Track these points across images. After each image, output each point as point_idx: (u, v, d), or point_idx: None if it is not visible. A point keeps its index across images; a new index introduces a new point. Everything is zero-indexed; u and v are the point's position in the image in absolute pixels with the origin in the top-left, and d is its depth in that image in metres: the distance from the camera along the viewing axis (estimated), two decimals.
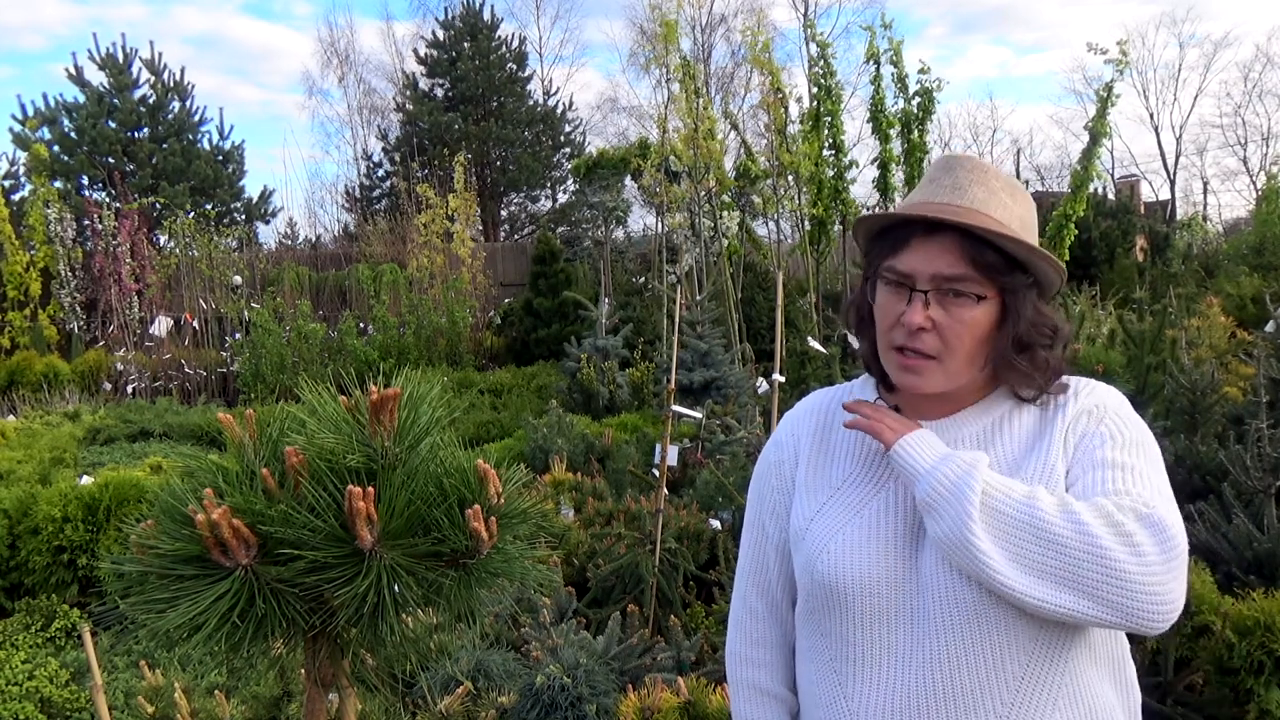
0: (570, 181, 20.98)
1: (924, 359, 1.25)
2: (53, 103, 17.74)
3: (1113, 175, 27.20)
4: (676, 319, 4.73)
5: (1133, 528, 1.13)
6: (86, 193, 17.19)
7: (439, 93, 23.73)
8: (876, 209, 11.56)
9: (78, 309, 13.71)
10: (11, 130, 18.03)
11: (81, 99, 18.03)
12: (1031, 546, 1.13)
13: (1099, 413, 1.28)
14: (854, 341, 1.48)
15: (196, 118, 19.42)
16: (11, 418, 9.39)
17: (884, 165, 11.38)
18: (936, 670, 1.21)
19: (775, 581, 1.44)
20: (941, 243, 1.24)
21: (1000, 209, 1.26)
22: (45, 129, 17.09)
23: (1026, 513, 1.15)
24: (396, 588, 1.26)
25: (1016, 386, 1.31)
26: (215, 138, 19.79)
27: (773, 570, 1.44)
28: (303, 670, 1.42)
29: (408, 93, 24.13)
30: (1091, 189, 13.92)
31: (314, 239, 24.42)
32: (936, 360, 1.25)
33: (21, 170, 16.03)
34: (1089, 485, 1.22)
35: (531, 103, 24.49)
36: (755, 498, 1.49)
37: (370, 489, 1.23)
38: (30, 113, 16.77)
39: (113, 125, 18.21)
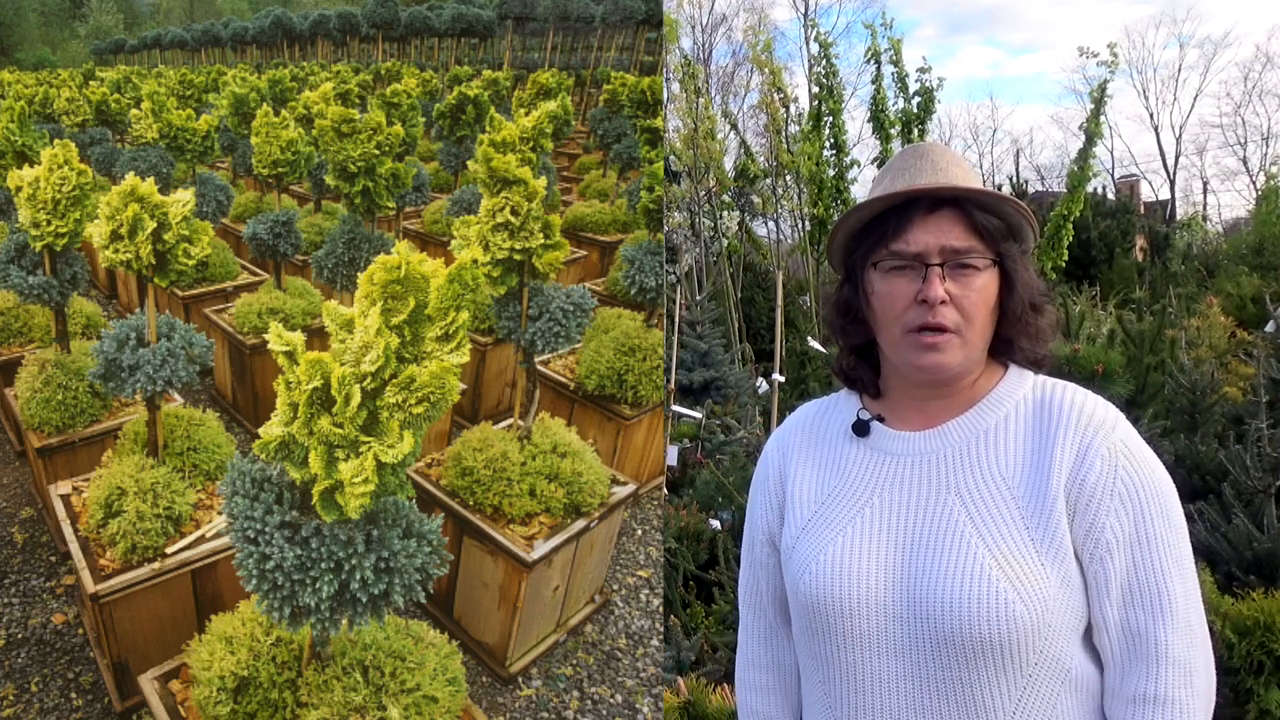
0: None
1: (944, 334, 1.24)
2: None
3: (1113, 175, 27.26)
4: (676, 319, 4.73)
5: None
6: None
7: None
8: None
9: None
10: None
11: None
12: None
13: (1110, 457, 1.20)
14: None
15: None
16: None
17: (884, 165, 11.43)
18: (924, 701, 1.19)
19: (769, 603, 1.42)
20: (945, 217, 1.25)
21: (980, 183, 1.28)
22: None
23: None
24: None
25: (1027, 351, 1.29)
26: None
27: (765, 591, 1.42)
28: None
29: None
30: (1091, 189, 13.96)
31: None
32: (956, 334, 1.24)
33: None
34: (1115, 646, 1.21)
35: None
36: (748, 517, 1.47)
37: None
38: None
39: None
